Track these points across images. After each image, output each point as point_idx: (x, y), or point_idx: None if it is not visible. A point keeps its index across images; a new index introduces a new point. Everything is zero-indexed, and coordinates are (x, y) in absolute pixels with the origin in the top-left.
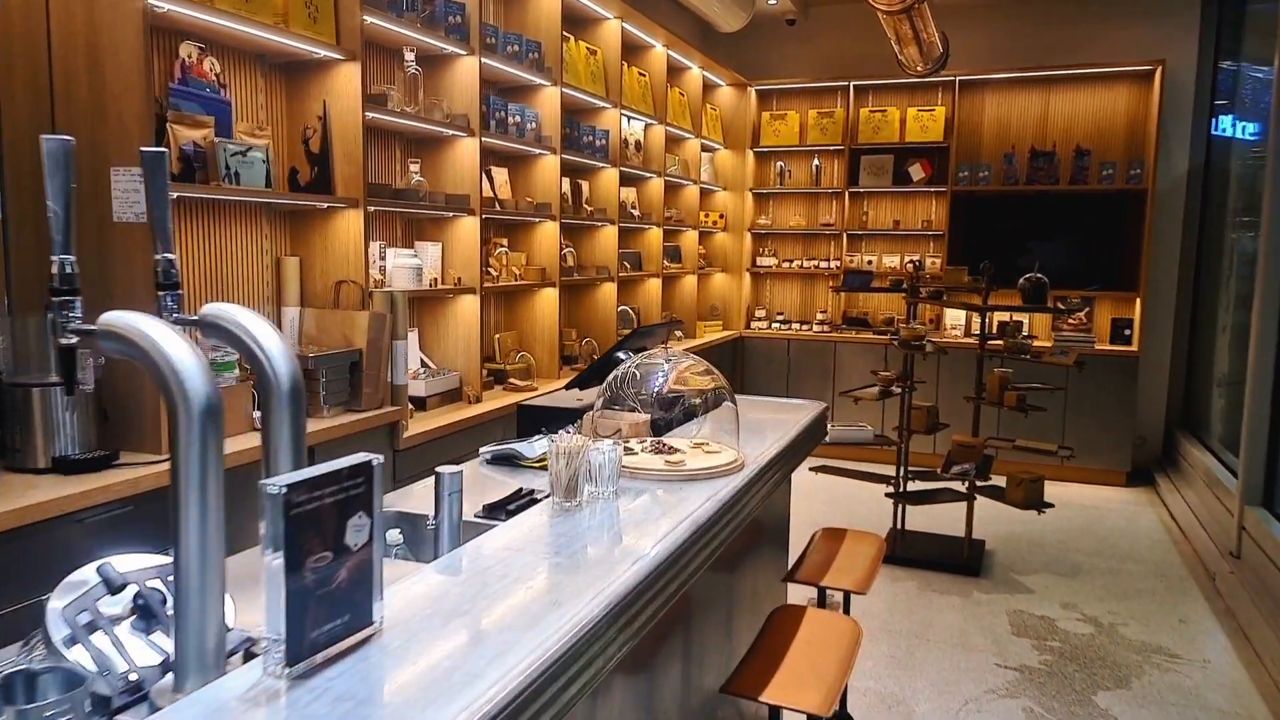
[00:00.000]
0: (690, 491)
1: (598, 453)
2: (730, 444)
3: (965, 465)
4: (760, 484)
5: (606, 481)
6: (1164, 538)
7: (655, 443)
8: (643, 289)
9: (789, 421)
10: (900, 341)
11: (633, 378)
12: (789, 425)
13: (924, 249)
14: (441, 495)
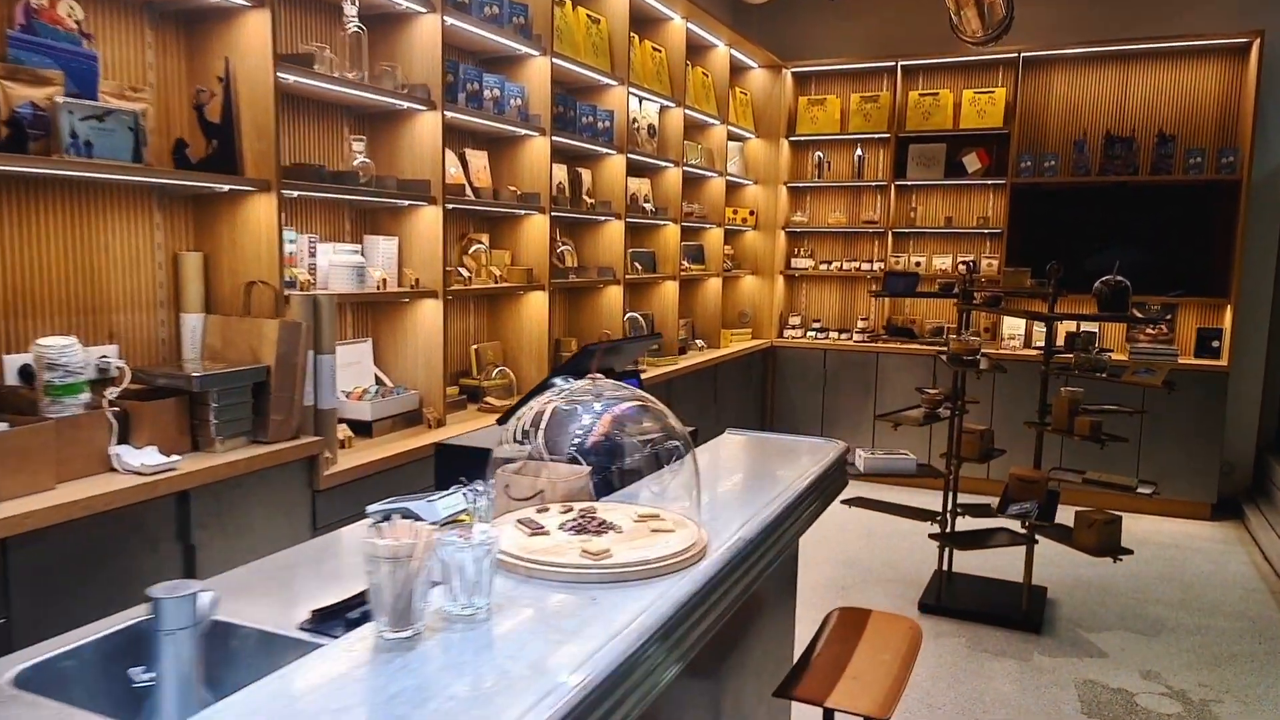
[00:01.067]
0: (612, 602)
1: (456, 551)
2: (695, 513)
3: (1024, 504)
4: (732, 581)
5: (471, 593)
6: (1259, 585)
7: (583, 513)
8: (657, 293)
9: (786, 477)
10: (950, 357)
11: (559, 418)
12: (786, 482)
13: (979, 249)
14: (160, 639)
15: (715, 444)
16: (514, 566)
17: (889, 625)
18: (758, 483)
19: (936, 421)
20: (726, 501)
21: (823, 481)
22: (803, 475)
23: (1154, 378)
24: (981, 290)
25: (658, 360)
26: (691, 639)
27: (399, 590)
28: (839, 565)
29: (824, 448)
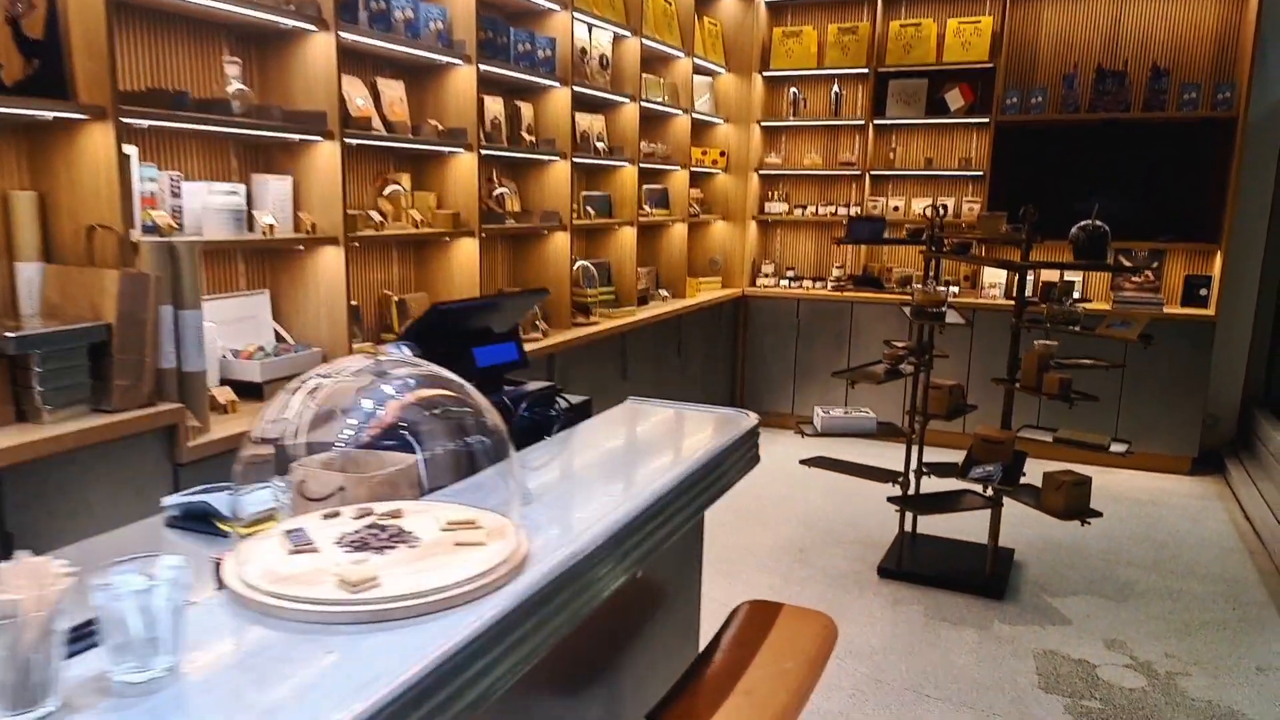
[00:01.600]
0: (360, 655)
1: (112, 599)
2: (535, 516)
3: (987, 468)
4: (550, 610)
5: (145, 652)
6: (1237, 545)
7: (376, 521)
8: (613, 240)
9: (669, 462)
10: (913, 309)
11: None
12: (667, 468)
13: (960, 192)
14: None
15: (603, 419)
16: (249, 601)
17: (799, 624)
18: (634, 470)
19: (899, 378)
20: (571, 498)
21: (719, 465)
22: (692, 458)
23: (1130, 331)
24: (953, 236)
25: (613, 312)
26: (471, 696)
27: (11, 658)
28: (799, 525)
29: (733, 422)
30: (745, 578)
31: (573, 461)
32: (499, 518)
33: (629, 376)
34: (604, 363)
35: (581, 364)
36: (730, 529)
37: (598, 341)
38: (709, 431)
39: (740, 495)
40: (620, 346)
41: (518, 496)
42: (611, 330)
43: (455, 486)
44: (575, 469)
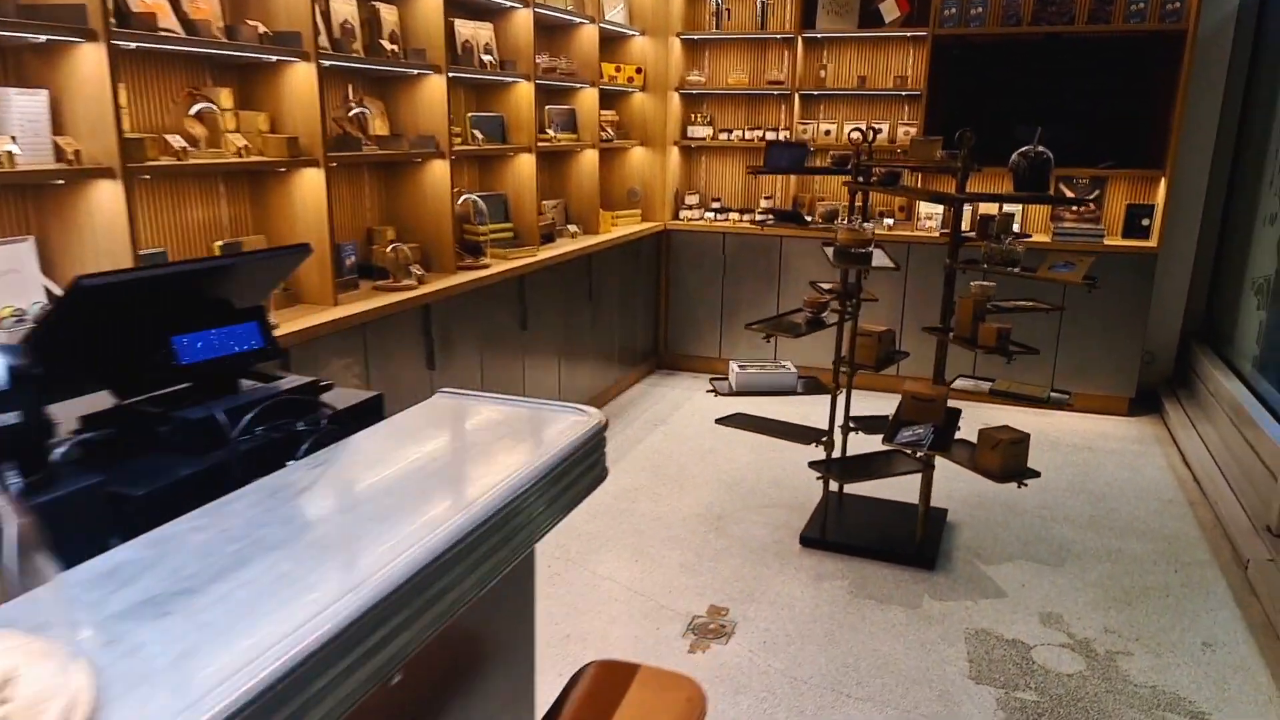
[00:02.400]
0: None
1: None
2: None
3: (916, 429)
4: None
5: None
6: (1176, 495)
7: None
8: (510, 170)
9: (438, 516)
10: (835, 251)
11: None
12: (430, 527)
13: (896, 114)
14: None
15: (382, 431)
16: None
17: (656, 695)
18: (390, 524)
19: (823, 328)
20: (267, 588)
21: (535, 497)
22: (489, 494)
23: (1074, 273)
24: (883, 164)
25: (510, 252)
26: None
27: None
28: (719, 487)
29: (568, 425)
30: (654, 554)
31: (291, 513)
32: (55, 670)
33: (529, 326)
34: (497, 312)
35: (468, 316)
36: (646, 494)
37: (489, 287)
38: (529, 446)
39: (658, 454)
40: (518, 292)
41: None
42: (506, 273)
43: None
44: (283, 531)
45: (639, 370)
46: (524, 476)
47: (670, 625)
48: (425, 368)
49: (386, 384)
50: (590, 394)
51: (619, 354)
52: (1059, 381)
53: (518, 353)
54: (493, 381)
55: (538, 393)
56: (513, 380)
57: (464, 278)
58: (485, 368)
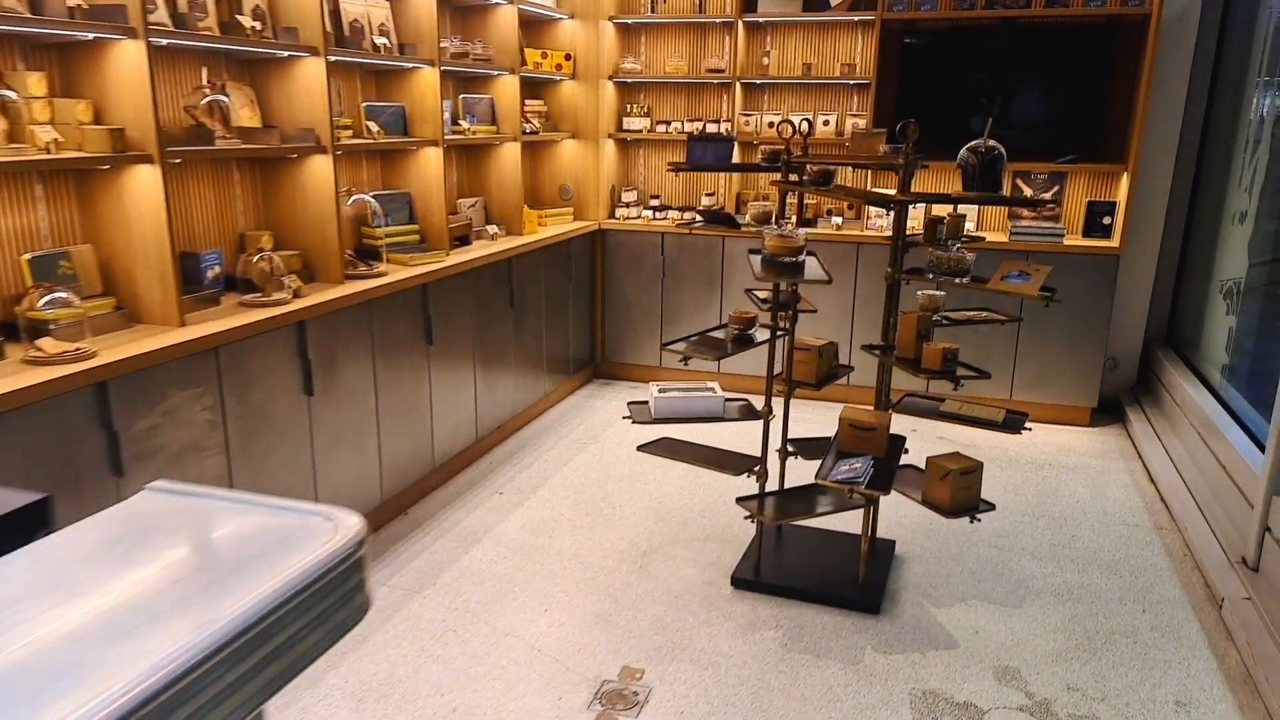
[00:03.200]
0: None
1: None
2: None
3: (855, 464)
4: None
5: None
6: (1142, 519)
7: None
8: (414, 166)
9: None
10: (763, 259)
11: None
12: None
13: (844, 104)
14: None
15: (39, 552)
16: None
17: None
18: None
19: (751, 347)
20: None
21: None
22: (163, 666)
23: (1029, 285)
24: (819, 159)
25: (415, 258)
26: None
27: None
28: (647, 518)
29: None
30: (567, 602)
31: None
32: None
33: (436, 339)
34: (396, 325)
35: (357, 331)
36: (566, 527)
37: (385, 298)
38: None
39: (584, 479)
40: (421, 301)
41: None
42: (407, 282)
43: None
44: None
45: (573, 381)
46: (198, 649)
47: (575, 694)
48: (302, 393)
49: (249, 416)
50: (513, 410)
51: (549, 365)
52: (1017, 391)
53: (422, 370)
54: (391, 404)
55: (447, 413)
56: (416, 401)
57: (353, 288)
58: (381, 389)
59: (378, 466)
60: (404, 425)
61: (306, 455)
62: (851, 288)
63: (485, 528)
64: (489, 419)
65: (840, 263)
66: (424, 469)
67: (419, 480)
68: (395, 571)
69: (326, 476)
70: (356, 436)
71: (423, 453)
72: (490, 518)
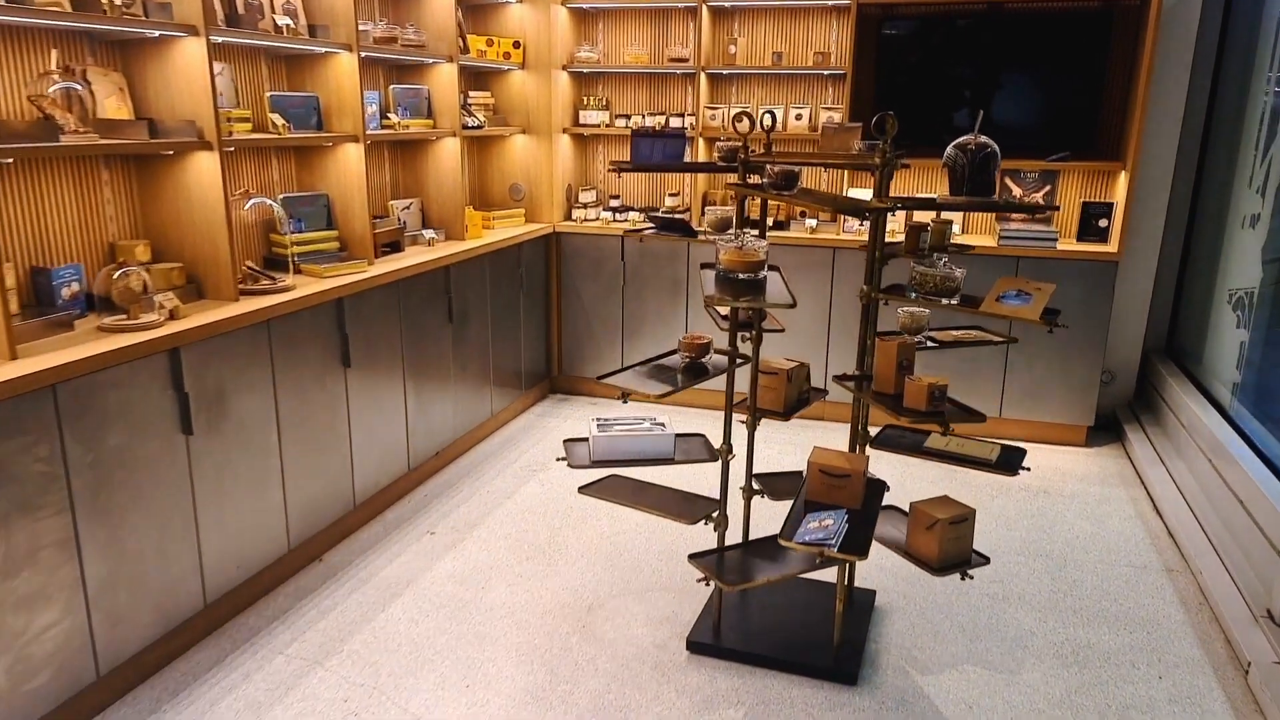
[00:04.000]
0: None
1: None
2: None
3: (825, 520)
4: None
5: None
6: (1150, 559)
7: None
8: (332, 164)
9: None
10: (719, 276)
11: None
12: None
13: (818, 96)
14: None
15: None
16: None
17: None
18: None
19: (705, 378)
20: None
21: None
22: None
23: (1030, 307)
24: (783, 158)
25: (332, 268)
26: None
27: None
28: (596, 563)
29: None
30: (494, 673)
31: None
32: None
33: (355, 362)
34: (304, 348)
35: (254, 356)
36: (502, 575)
37: (289, 317)
38: None
39: (528, 515)
40: (335, 319)
41: None
42: (316, 297)
43: None
44: None
45: (527, 397)
46: None
47: None
48: (178, 433)
49: (104, 465)
50: (454, 434)
51: (496, 381)
52: (1007, 408)
53: (337, 397)
54: (299, 438)
55: (371, 443)
56: (331, 433)
57: (249, 306)
58: (286, 421)
59: (282, 510)
60: (316, 460)
61: (186, 504)
62: (827, 299)
63: (410, 576)
64: (424, 446)
65: (814, 270)
66: (342, 508)
67: (338, 520)
68: (298, 635)
69: (213, 527)
70: (254, 478)
71: (340, 490)
72: (417, 563)
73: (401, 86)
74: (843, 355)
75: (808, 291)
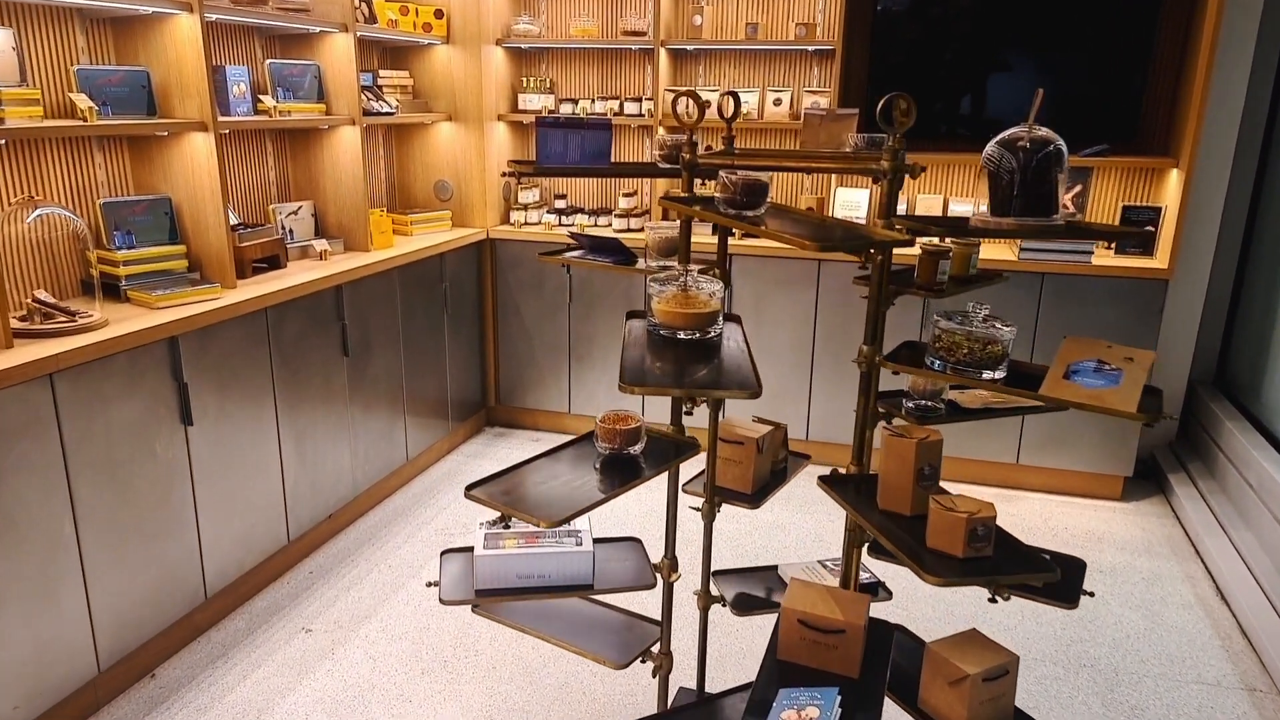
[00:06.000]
0: None
1: None
2: None
3: (809, 707)
4: None
5: None
6: (1226, 673)
7: None
8: (175, 158)
9: None
10: (652, 334)
11: None
12: None
13: (802, 77)
14: None
15: None
16: None
17: None
18: None
19: (636, 480)
20: None
21: None
22: None
23: (1117, 390)
24: (745, 161)
25: (171, 296)
26: None
27: None
28: (512, 676)
29: None
30: None
31: None
32: None
33: (198, 418)
34: (122, 405)
35: (32, 425)
36: (388, 700)
37: (88, 366)
38: None
39: (436, 607)
40: (169, 364)
41: None
42: (134, 338)
43: None
44: None
45: (457, 434)
46: None
47: None
48: None
49: None
50: (354, 489)
51: (413, 420)
52: (1025, 454)
53: (175, 465)
54: (111, 524)
55: (229, 517)
56: (164, 512)
57: (21, 357)
58: (85, 506)
59: (87, 623)
60: (140, 552)
61: None
62: (810, 325)
63: (264, 702)
64: (310, 510)
65: (793, 289)
66: (185, 604)
67: (182, 618)
68: None
69: None
70: (44, 585)
71: (183, 583)
72: (279, 679)
73: (282, 62)
74: (830, 401)
75: (784, 319)
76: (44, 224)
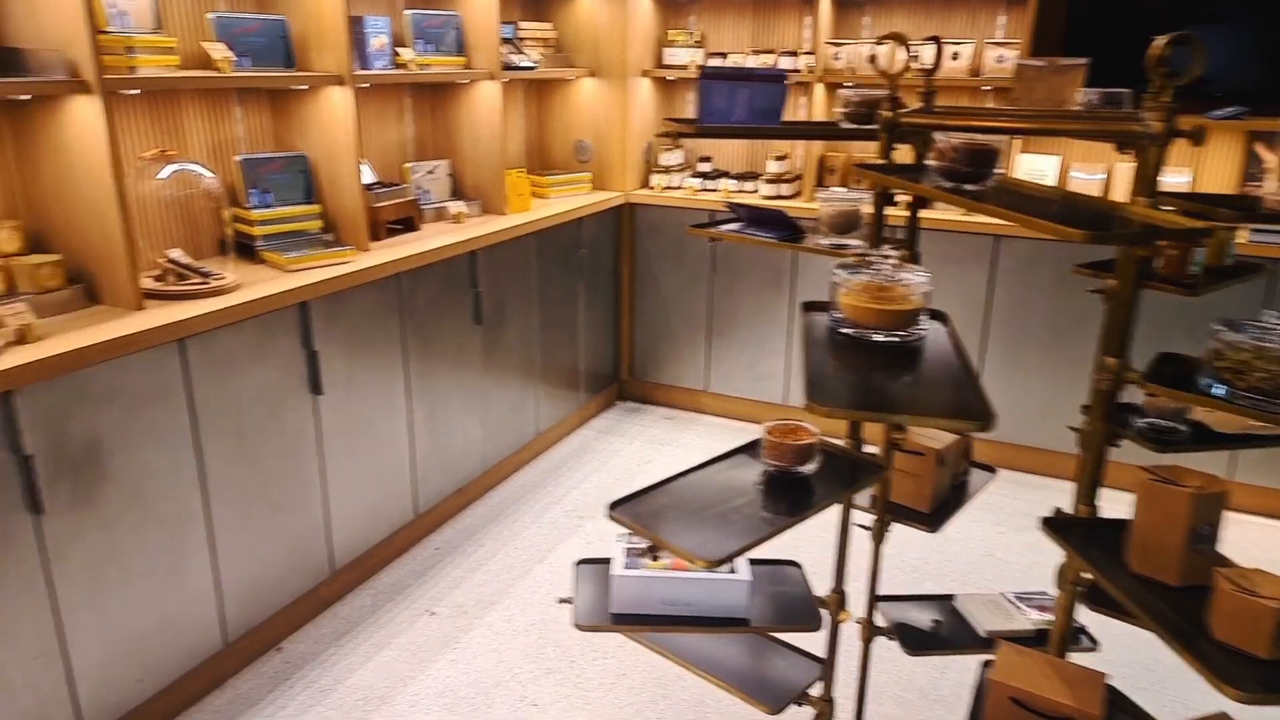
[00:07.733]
0: None
1: None
2: None
3: None
4: None
5: None
6: None
7: None
8: (312, 114)
9: None
10: (834, 332)
11: None
12: None
13: (985, 26)
14: None
15: None
16: None
17: None
18: None
19: (806, 513)
20: None
21: None
22: None
23: None
24: (955, 115)
25: (304, 258)
26: None
27: None
28: (644, 690)
29: None
30: None
31: None
32: None
33: (328, 388)
34: (254, 369)
35: (157, 393)
36: (511, 696)
37: (217, 331)
38: None
39: (543, 615)
40: (300, 330)
41: None
42: (264, 304)
43: None
44: None
45: (589, 407)
46: None
47: None
48: (28, 511)
49: None
50: (484, 463)
51: (546, 391)
52: (1244, 470)
53: (304, 433)
54: (239, 497)
55: (361, 487)
56: (296, 481)
57: (152, 320)
58: (215, 476)
59: (213, 596)
60: (269, 523)
61: (45, 609)
62: (980, 313)
63: (387, 690)
64: (438, 483)
65: (964, 268)
66: (311, 578)
67: (308, 592)
68: None
69: (102, 624)
70: (172, 558)
71: (309, 556)
72: (403, 667)
73: (422, 12)
74: (1003, 398)
75: (950, 302)
76: (178, 181)
